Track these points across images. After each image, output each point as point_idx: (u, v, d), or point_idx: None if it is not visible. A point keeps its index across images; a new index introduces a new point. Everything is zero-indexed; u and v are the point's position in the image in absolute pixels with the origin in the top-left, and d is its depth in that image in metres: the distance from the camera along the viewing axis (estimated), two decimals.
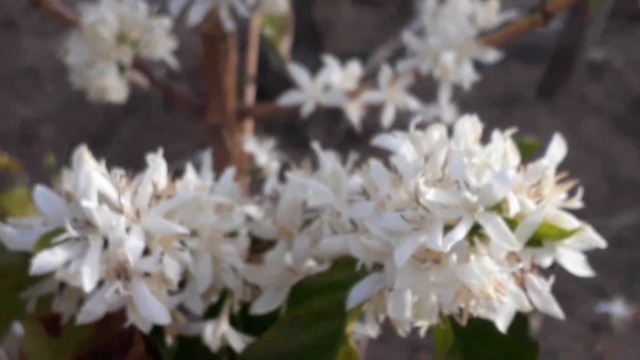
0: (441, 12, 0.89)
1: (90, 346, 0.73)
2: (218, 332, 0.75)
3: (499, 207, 0.56)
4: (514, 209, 0.55)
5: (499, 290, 0.55)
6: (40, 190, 0.64)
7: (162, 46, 1.10)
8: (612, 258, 2.62)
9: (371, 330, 0.70)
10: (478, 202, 0.55)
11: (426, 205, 0.56)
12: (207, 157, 0.71)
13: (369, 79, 1.02)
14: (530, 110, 3.23)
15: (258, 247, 0.77)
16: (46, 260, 0.60)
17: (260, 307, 0.73)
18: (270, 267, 0.73)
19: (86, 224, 0.61)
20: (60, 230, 0.62)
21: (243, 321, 0.79)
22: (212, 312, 0.78)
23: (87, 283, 0.59)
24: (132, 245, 0.61)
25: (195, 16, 0.93)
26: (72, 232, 0.60)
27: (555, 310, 0.59)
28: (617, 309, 2.39)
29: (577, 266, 0.59)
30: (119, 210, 0.61)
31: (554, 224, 0.55)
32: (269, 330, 0.70)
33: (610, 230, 2.73)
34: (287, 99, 1.02)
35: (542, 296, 0.58)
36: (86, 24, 1.05)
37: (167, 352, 0.77)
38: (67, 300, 0.71)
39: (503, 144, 0.59)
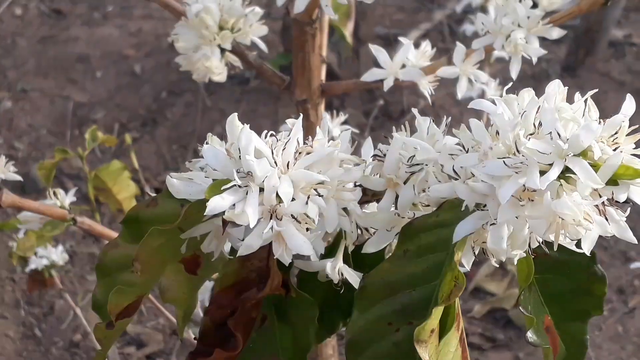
0: None
1: (234, 279, 0.88)
2: (337, 267, 0.90)
3: (584, 153, 0.70)
4: (597, 154, 0.69)
5: (587, 219, 0.69)
6: (208, 148, 0.79)
7: (255, 31, 1.25)
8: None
9: (466, 262, 0.85)
10: (568, 149, 0.70)
11: (525, 153, 0.71)
12: (298, 125, 0.83)
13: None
14: None
15: (365, 198, 0.92)
16: (218, 203, 0.75)
17: (371, 247, 0.88)
18: (380, 212, 0.87)
19: (247, 174, 0.76)
20: (225, 180, 0.77)
21: (353, 260, 0.94)
22: (327, 253, 0.93)
23: (252, 221, 0.74)
24: (284, 191, 0.75)
25: (301, 6, 1.07)
26: (237, 180, 0.75)
27: (630, 236, 0.73)
28: None
29: None
30: (272, 163, 0.76)
31: (629, 166, 0.70)
32: (383, 263, 0.85)
33: None
34: (369, 76, 1.17)
35: (619, 225, 0.72)
36: (192, 13, 1.20)
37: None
38: (218, 240, 0.86)
39: (584, 103, 0.74)
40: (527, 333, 0.87)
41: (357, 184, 0.88)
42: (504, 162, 0.73)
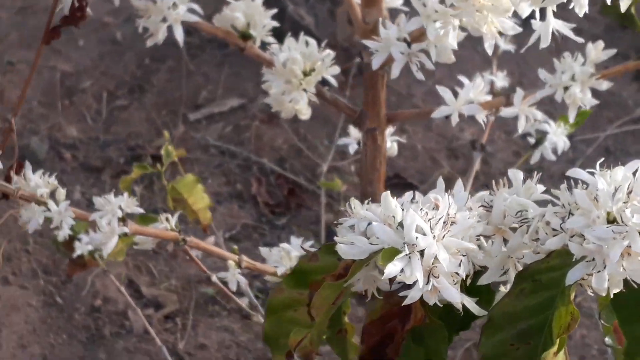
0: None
1: (381, 312, 1.11)
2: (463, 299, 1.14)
3: None
4: None
5: None
6: (377, 225, 1.00)
7: (329, 71, 1.45)
8: None
9: None
10: None
11: (629, 225, 0.95)
12: (446, 201, 1.06)
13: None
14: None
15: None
16: (392, 269, 0.97)
17: (484, 280, 1.12)
18: (493, 254, 1.11)
19: (411, 246, 0.98)
20: (393, 250, 0.99)
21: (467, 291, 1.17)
22: None
23: (420, 281, 0.97)
24: (443, 257, 0.98)
25: (396, 71, 1.27)
26: (406, 251, 0.97)
27: None
28: None
29: None
30: (430, 236, 0.99)
31: None
32: (502, 298, 1.08)
33: None
34: (439, 113, 1.38)
35: None
36: (279, 62, 1.40)
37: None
38: (369, 284, 1.09)
39: None
40: (605, 338, 1.13)
41: None
42: (612, 230, 0.96)
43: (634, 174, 1.01)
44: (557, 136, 1.74)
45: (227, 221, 3.01)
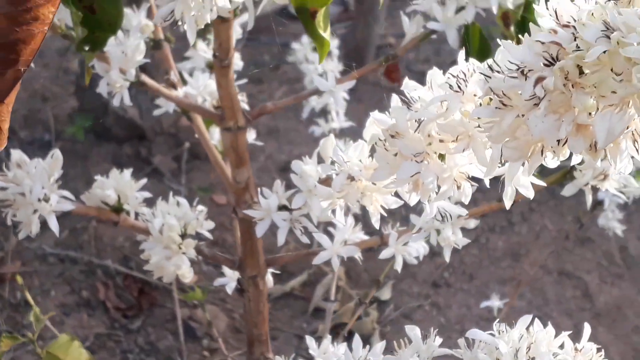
0: None
1: None
2: None
3: None
4: None
5: None
6: None
7: (203, 227, 1.46)
8: None
9: None
10: None
11: None
12: None
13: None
14: None
15: None
16: None
17: None
18: None
19: None
20: None
21: None
22: None
23: None
24: None
25: (281, 238, 1.29)
26: None
27: None
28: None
29: None
30: None
31: None
32: None
33: None
34: (319, 259, 1.41)
35: None
36: (155, 230, 1.39)
37: None
38: None
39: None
40: None
41: None
42: None
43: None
44: None
45: (78, 333, 2.92)
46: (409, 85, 0.98)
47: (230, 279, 1.77)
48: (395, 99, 1.01)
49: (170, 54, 1.47)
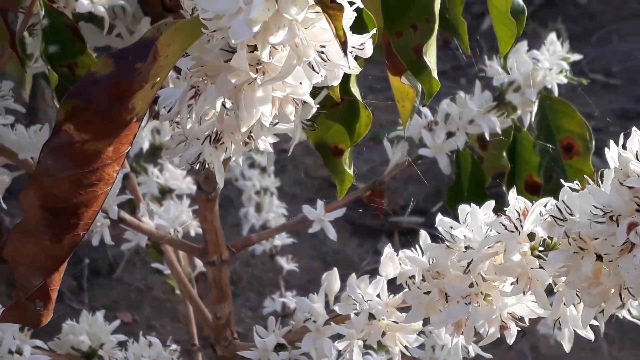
0: None
1: None
2: None
3: None
4: None
5: None
6: None
7: None
8: None
9: None
10: None
11: None
12: None
13: None
14: None
15: None
16: None
17: None
18: None
19: None
20: None
21: None
22: None
23: None
24: None
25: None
26: None
27: None
28: None
29: None
30: None
31: None
32: None
33: None
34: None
35: None
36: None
37: None
38: None
39: None
40: None
41: None
42: None
43: None
44: None
45: None
46: (444, 222, 0.96)
47: None
48: (424, 236, 0.98)
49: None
